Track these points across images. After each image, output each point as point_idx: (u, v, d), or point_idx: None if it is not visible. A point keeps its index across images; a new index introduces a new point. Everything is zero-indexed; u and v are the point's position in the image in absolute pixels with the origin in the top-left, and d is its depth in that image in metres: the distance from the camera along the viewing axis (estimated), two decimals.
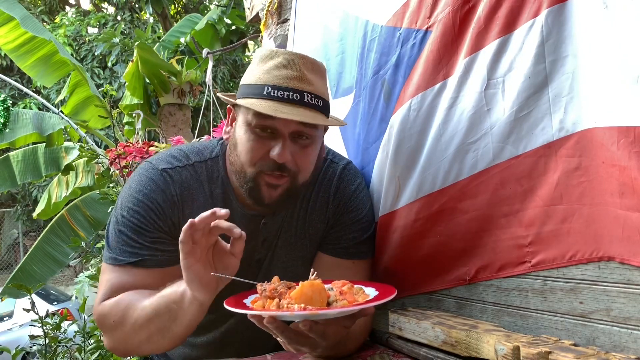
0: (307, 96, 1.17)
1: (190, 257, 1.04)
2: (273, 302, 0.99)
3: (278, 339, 1.06)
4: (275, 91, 1.15)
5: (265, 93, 1.15)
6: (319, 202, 1.34)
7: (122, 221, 1.24)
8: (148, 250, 1.23)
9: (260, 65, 1.21)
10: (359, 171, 1.41)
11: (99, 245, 2.97)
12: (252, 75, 1.21)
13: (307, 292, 0.97)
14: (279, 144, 1.17)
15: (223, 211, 1.02)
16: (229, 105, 1.31)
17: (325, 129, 1.32)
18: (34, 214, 5.64)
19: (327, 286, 1.04)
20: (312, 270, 1.09)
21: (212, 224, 1.03)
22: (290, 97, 1.15)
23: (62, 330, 1.86)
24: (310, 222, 1.34)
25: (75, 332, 1.84)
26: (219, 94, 1.33)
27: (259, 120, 1.17)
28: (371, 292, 1.08)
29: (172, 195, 1.25)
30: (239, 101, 1.20)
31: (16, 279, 4.61)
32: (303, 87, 1.17)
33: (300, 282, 1.02)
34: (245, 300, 1.07)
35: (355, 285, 1.09)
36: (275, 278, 1.07)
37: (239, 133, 1.22)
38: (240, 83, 1.25)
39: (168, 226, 1.25)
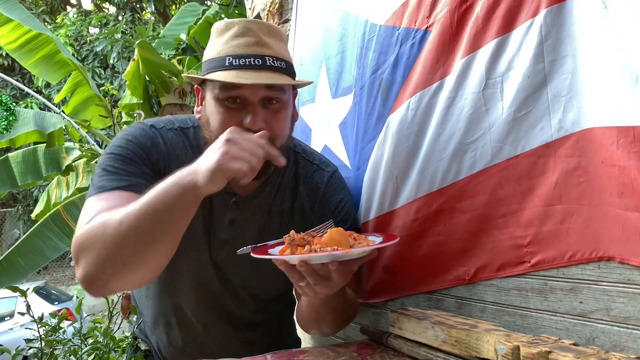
0: (269, 59, 1.17)
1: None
2: (304, 249, 1.06)
3: (300, 283, 1.08)
4: (237, 60, 1.16)
5: (227, 64, 1.16)
6: (305, 205, 1.35)
7: (111, 157, 1.21)
8: (137, 178, 1.19)
9: (218, 39, 1.21)
10: (344, 181, 1.42)
11: None
12: (212, 50, 1.21)
13: (335, 237, 1.07)
14: (250, 112, 1.17)
15: None
16: (196, 86, 1.31)
17: (295, 93, 1.32)
18: (33, 215, 5.61)
19: None
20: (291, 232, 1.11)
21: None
22: (252, 62, 1.16)
23: (62, 330, 1.85)
24: (291, 227, 1.33)
25: (72, 333, 1.82)
26: (184, 75, 1.34)
27: (225, 92, 1.17)
28: (373, 238, 1.16)
29: (160, 145, 1.26)
30: (203, 77, 1.20)
31: None
32: (263, 51, 1.17)
33: (329, 230, 1.10)
34: (270, 251, 1.14)
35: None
36: (292, 231, 1.11)
37: (209, 109, 1.22)
38: (203, 61, 1.26)
39: (153, 170, 1.23)
